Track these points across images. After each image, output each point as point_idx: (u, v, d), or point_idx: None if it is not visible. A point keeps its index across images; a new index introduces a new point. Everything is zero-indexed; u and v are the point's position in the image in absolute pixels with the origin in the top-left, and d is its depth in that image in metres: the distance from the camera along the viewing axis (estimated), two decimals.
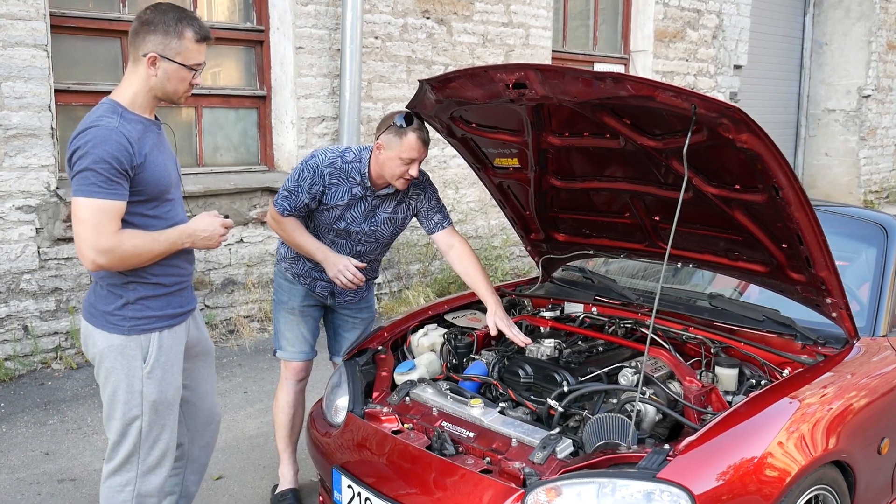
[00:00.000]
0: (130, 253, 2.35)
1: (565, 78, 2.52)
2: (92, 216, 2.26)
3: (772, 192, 2.55)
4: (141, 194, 2.39)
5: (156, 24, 2.38)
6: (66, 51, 5.20)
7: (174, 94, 2.47)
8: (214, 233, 2.54)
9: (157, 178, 2.43)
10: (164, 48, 2.38)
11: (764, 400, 2.51)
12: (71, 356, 5.06)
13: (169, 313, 2.54)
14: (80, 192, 2.27)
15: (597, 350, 3.09)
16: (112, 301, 2.46)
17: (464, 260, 3.31)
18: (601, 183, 3.15)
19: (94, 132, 2.28)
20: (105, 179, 2.26)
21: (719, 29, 9.77)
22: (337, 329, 3.56)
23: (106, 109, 2.36)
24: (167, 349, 2.53)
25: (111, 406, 2.52)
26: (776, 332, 3.00)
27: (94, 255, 2.28)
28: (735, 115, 2.30)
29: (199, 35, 2.43)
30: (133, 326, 2.47)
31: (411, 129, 3.04)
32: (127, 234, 2.34)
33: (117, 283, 2.45)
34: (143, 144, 2.37)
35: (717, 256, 3.09)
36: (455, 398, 2.78)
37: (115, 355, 2.46)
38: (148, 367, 2.49)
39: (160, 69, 2.39)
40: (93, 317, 2.50)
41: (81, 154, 2.26)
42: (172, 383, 2.57)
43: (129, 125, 2.35)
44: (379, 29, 6.47)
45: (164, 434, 2.59)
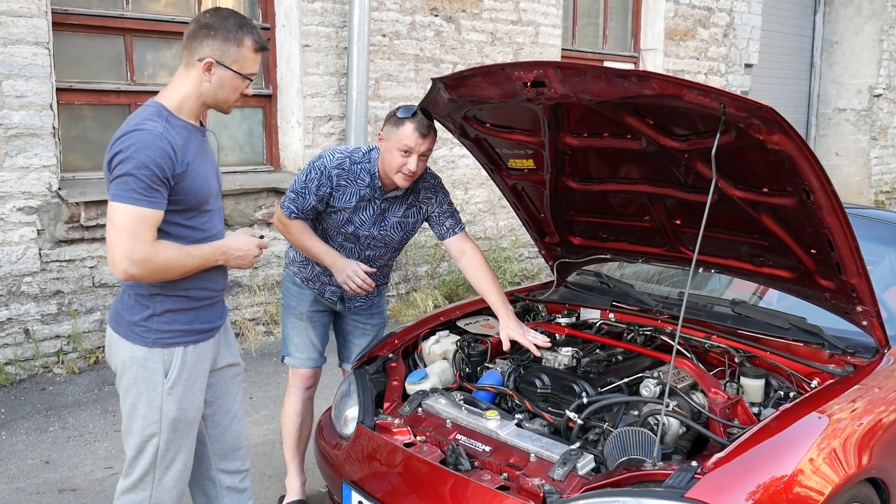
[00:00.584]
0: (164, 266, 2.25)
1: (586, 76, 2.40)
2: (129, 224, 2.15)
3: (802, 196, 2.44)
4: (179, 204, 2.29)
5: (216, 28, 2.30)
6: (68, 49, 5.10)
7: (224, 103, 2.39)
8: (249, 253, 2.45)
9: (198, 187, 2.33)
10: (222, 55, 2.30)
11: (794, 414, 2.40)
12: (73, 360, 4.96)
13: (196, 328, 2.44)
14: (118, 197, 2.16)
15: (616, 359, 2.98)
16: (138, 311, 2.36)
17: (475, 267, 3.20)
18: (620, 185, 3.04)
19: (137, 136, 2.19)
20: (145, 186, 2.16)
21: (730, 27, 9.64)
22: (346, 335, 3.45)
23: (151, 112, 2.27)
24: (191, 365, 2.43)
25: (130, 420, 2.42)
26: (803, 340, 2.89)
27: (127, 265, 2.17)
28: (767, 116, 2.19)
29: (258, 44, 2.37)
30: (157, 339, 2.36)
31: (410, 119, 2.94)
32: (162, 246, 2.24)
33: (145, 293, 2.35)
34: (187, 152, 2.28)
35: (741, 262, 2.98)
36: (470, 410, 2.67)
37: (137, 367, 2.36)
38: (169, 382, 2.38)
39: (214, 76, 2.31)
40: (118, 325, 2.40)
41: (123, 158, 2.16)
42: (193, 402, 2.46)
43: (173, 131, 2.26)
44: (386, 27, 6.37)
45: (180, 455, 2.47)
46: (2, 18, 4.56)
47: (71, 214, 4.86)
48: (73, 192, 4.85)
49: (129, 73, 5.38)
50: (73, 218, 4.87)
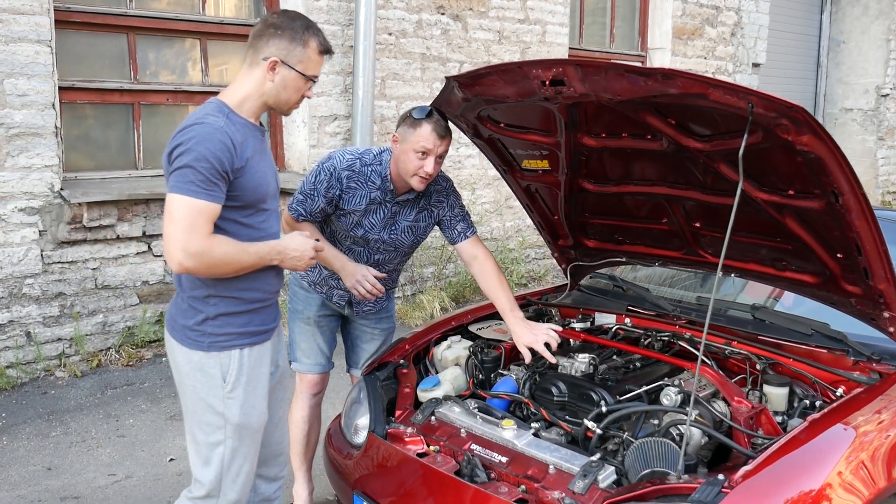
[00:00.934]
0: (219, 260, 2.21)
1: (608, 74, 2.32)
2: (186, 216, 2.14)
3: (830, 199, 2.35)
4: (237, 200, 2.27)
5: (283, 28, 2.29)
6: (70, 47, 5.03)
7: (285, 104, 2.37)
8: (305, 254, 2.41)
9: (256, 184, 2.31)
10: (287, 54, 2.29)
11: (821, 425, 2.31)
12: (75, 363, 4.88)
13: (251, 330, 2.39)
14: (176, 188, 2.15)
15: (634, 365, 2.90)
16: (192, 315, 2.33)
17: (486, 273, 3.11)
18: (638, 187, 2.96)
19: (198, 129, 2.18)
20: (204, 179, 2.15)
21: (738, 26, 9.56)
22: (355, 340, 3.37)
23: (212, 108, 2.27)
24: (249, 369, 2.38)
25: (193, 427, 2.39)
26: (826, 346, 2.80)
27: (183, 257, 2.14)
28: (797, 116, 2.11)
29: (323, 47, 2.37)
30: (212, 343, 2.33)
31: (426, 120, 2.86)
32: (218, 240, 2.21)
33: (198, 296, 2.32)
34: (246, 148, 2.26)
35: (762, 266, 2.89)
36: (485, 418, 2.59)
37: (195, 373, 2.34)
38: (228, 386, 2.34)
39: (278, 75, 2.30)
40: (174, 330, 2.38)
41: (183, 150, 2.15)
42: (256, 407, 2.41)
43: (233, 127, 2.24)
44: (393, 25, 6.28)
45: (246, 465, 2.42)
46: (3, 16, 4.48)
47: (73, 215, 4.78)
48: (76, 193, 4.77)
49: (133, 72, 5.30)
50: (75, 219, 4.79)
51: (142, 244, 5.13)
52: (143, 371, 4.92)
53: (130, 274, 5.11)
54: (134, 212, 5.03)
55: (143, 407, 4.47)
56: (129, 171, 5.33)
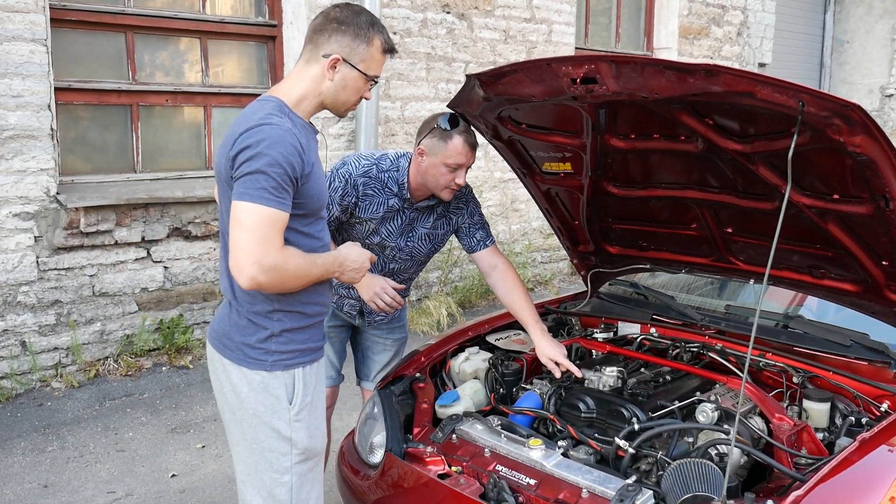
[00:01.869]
0: (292, 274, 2.03)
1: (645, 71, 2.17)
2: (260, 226, 1.94)
3: (880, 203, 2.21)
4: (301, 208, 2.08)
5: (347, 24, 2.12)
6: (67, 46, 4.86)
7: (343, 105, 2.20)
8: (363, 266, 2.26)
9: (320, 191, 2.14)
10: (350, 52, 2.12)
11: (872, 444, 2.17)
12: (72, 374, 4.72)
13: (311, 346, 2.21)
14: (247, 196, 1.95)
15: (664, 379, 2.75)
16: (253, 332, 2.11)
17: (508, 285, 2.96)
18: (667, 191, 2.81)
19: (267, 130, 1.98)
20: (277, 186, 1.96)
21: (744, 26, 9.43)
22: (366, 351, 3.22)
23: (273, 108, 2.06)
24: (312, 387, 2.20)
25: (254, 454, 2.15)
26: (866, 358, 2.66)
27: (256, 272, 1.93)
28: (852, 115, 1.96)
29: (388, 45, 2.20)
30: (276, 361, 2.12)
31: (457, 131, 2.71)
32: (291, 253, 2.03)
33: (262, 311, 2.11)
34: (310, 152, 2.09)
35: (798, 273, 2.75)
36: (510, 437, 2.44)
37: (258, 395, 2.12)
38: (295, 408, 2.14)
39: (339, 74, 2.13)
40: (226, 348, 2.15)
41: (254, 154, 1.95)
42: (319, 429, 2.24)
43: (297, 129, 2.06)
44: (397, 24, 6.13)
45: (314, 493, 2.23)
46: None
47: (70, 220, 4.62)
48: (73, 197, 4.61)
49: (131, 72, 5.14)
50: (72, 224, 4.63)
51: (141, 250, 4.97)
52: (142, 381, 4.76)
53: (129, 281, 4.95)
54: (133, 216, 4.87)
55: (143, 419, 4.31)
56: (128, 175, 5.17)
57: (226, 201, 2.09)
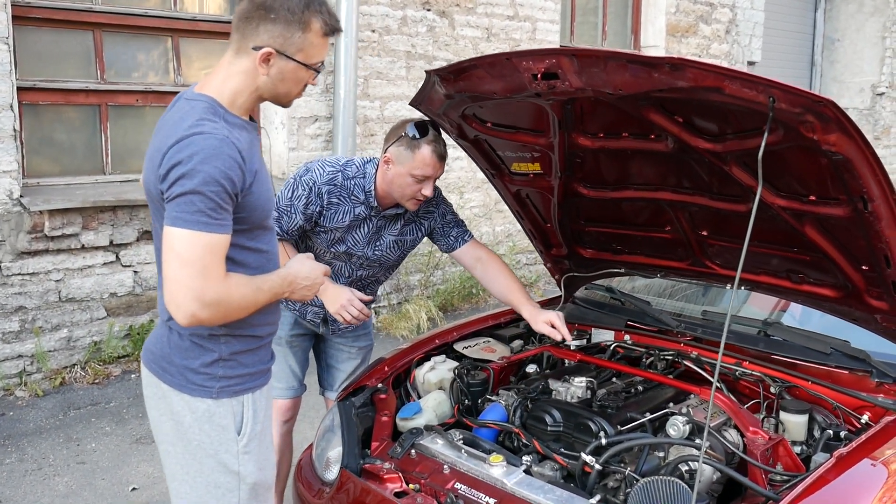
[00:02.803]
0: (237, 306, 1.80)
1: (608, 66, 2.05)
2: (200, 257, 1.70)
3: (858, 205, 2.09)
4: (245, 222, 1.85)
5: (276, 10, 1.82)
6: (31, 45, 4.72)
7: (285, 97, 1.94)
8: (315, 282, 2.03)
9: (265, 200, 1.90)
10: (284, 42, 1.83)
11: (850, 460, 2.05)
12: (37, 382, 4.57)
13: (260, 369, 2.01)
14: (181, 221, 1.70)
15: (635, 389, 2.62)
16: (198, 355, 1.89)
17: (492, 270, 2.92)
18: (639, 192, 2.69)
19: (201, 142, 1.71)
20: (215, 207, 1.71)
21: (733, 23, 9.32)
22: (329, 360, 3.09)
23: (204, 110, 1.79)
24: (261, 414, 2.00)
25: (199, 488, 1.94)
26: (847, 367, 2.54)
27: (196, 308, 1.71)
28: (825, 111, 1.84)
29: (328, 27, 1.89)
30: (224, 388, 1.91)
31: (426, 140, 2.59)
32: (234, 282, 1.79)
33: (205, 334, 1.89)
34: (253, 158, 1.83)
35: (776, 278, 2.63)
36: (471, 453, 2.31)
37: (202, 425, 1.90)
38: (244, 439, 1.94)
39: (274, 67, 1.85)
40: (166, 373, 1.92)
41: (186, 171, 1.70)
42: (269, 459, 2.05)
43: (235, 132, 1.80)
44: (376, 21, 6.00)
45: None
46: None
47: (34, 224, 4.48)
48: (37, 200, 4.47)
49: (99, 71, 5.00)
50: (36, 227, 4.48)
51: (109, 254, 4.83)
52: (109, 389, 4.62)
53: (97, 286, 4.81)
54: (100, 220, 4.73)
55: (108, 429, 4.17)
56: (97, 177, 5.02)
57: (159, 221, 1.84)
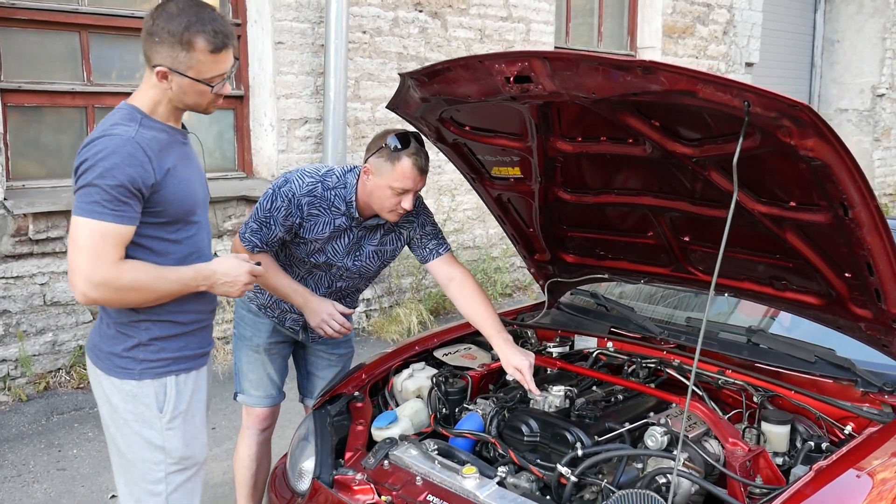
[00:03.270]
0: (129, 287, 1.97)
1: (580, 68, 2.00)
2: (90, 241, 1.91)
3: (838, 212, 2.04)
4: (161, 216, 2.04)
5: (159, 34, 1.98)
6: (16, 46, 4.68)
7: (196, 107, 2.11)
8: (238, 279, 2.15)
9: (182, 196, 2.07)
10: (173, 62, 1.99)
11: (830, 473, 2.00)
12: (21, 386, 4.53)
13: (187, 355, 2.18)
14: (80, 210, 1.92)
15: (615, 398, 2.57)
16: (121, 341, 2.09)
17: (466, 293, 2.77)
18: (619, 197, 2.64)
19: (105, 142, 1.93)
20: (112, 199, 1.90)
21: (730, 24, 9.26)
22: (309, 368, 3.05)
23: (123, 116, 2.02)
24: (187, 395, 2.17)
25: (126, 465, 2.15)
26: (832, 376, 2.48)
27: (87, 287, 1.92)
28: (801, 116, 1.79)
29: (214, 45, 2.00)
30: (145, 370, 2.09)
31: (406, 152, 2.52)
32: (128, 267, 1.97)
33: (125, 321, 2.08)
34: (165, 158, 2.02)
35: (760, 285, 2.58)
36: (444, 464, 2.26)
37: (127, 404, 2.09)
38: (167, 416, 2.12)
39: (173, 83, 2.02)
40: (98, 359, 2.13)
41: (88, 166, 1.91)
42: (198, 437, 2.21)
43: (148, 134, 2.00)
44: (367, 23, 5.96)
45: (190, 501, 2.19)
46: None
47: (18, 227, 4.44)
48: (21, 203, 4.43)
49: (86, 73, 4.96)
50: (20, 231, 4.44)
51: None
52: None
53: None
54: None
55: (90, 435, 4.13)
56: None
57: None
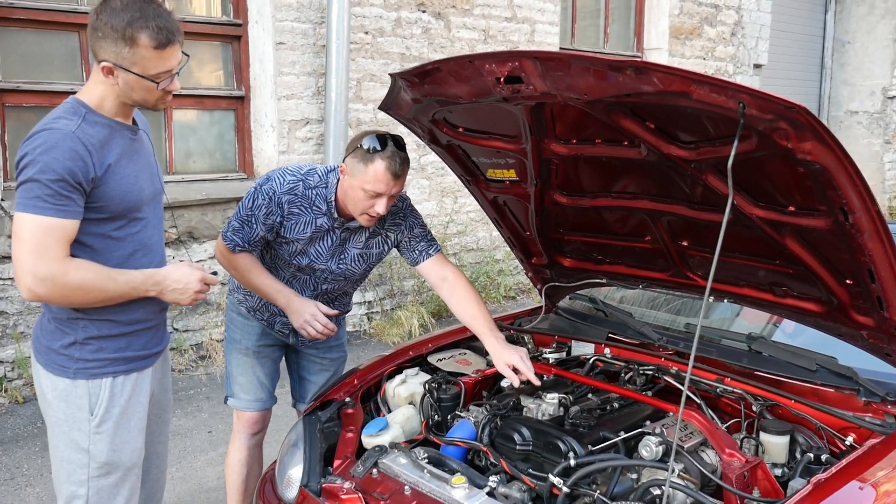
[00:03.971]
0: (75, 286, 1.96)
1: (571, 69, 1.94)
2: (34, 236, 1.90)
3: (839, 217, 1.97)
4: (102, 211, 2.02)
5: (102, 29, 1.96)
6: (14, 46, 4.67)
7: (144, 103, 2.10)
8: (189, 287, 2.14)
9: (123, 192, 2.05)
10: (117, 57, 1.97)
11: (831, 486, 1.93)
12: (17, 388, 4.51)
13: (128, 356, 2.15)
14: (22, 206, 1.92)
15: (611, 406, 2.51)
16: (59, 337, 2.09)
17: (458, 294, 2.73)
18: (616, 200, 2.58)
19: (45, 136, 1.93)
20: (53, 193, 1.90)
21: (738, 26, 9.18)
22: (301, 372, 3.00)
23: (66, 110, 2.00)
24: (123, 399, 2.14)
25: (56, 463, 2.16)
26: (833, 385, 2.42)
27: (31, 282, 1.91)
28: (798, 118, 1.73)
29: (157, 41, 1.98)
30: (80, 369, 2.08)
31: (381, 155, 2.45)
32: (75, 265, 1.97)
33: (64, 317, 2.08)
34: (108, 153, 2.01)
35: (759, 291, 2.51)
36: (433, 473, 2.21)
37: (59, 403, 2.09)
38: (96, 419, 2.10)
39: (119, 78, 2.01)
40: (38, 353, 2.15)
41: (28, 161, 1.91)
42: (129, 443, 2.17)
43: (91, 129, 1.99)
44: (369, 23, 5.92)
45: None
46: None
47: None
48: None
49: (85, 73, 4.94)
50: None
51: None
52: None
53: None
54: None
55: None
56: None
57: None
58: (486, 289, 6.66)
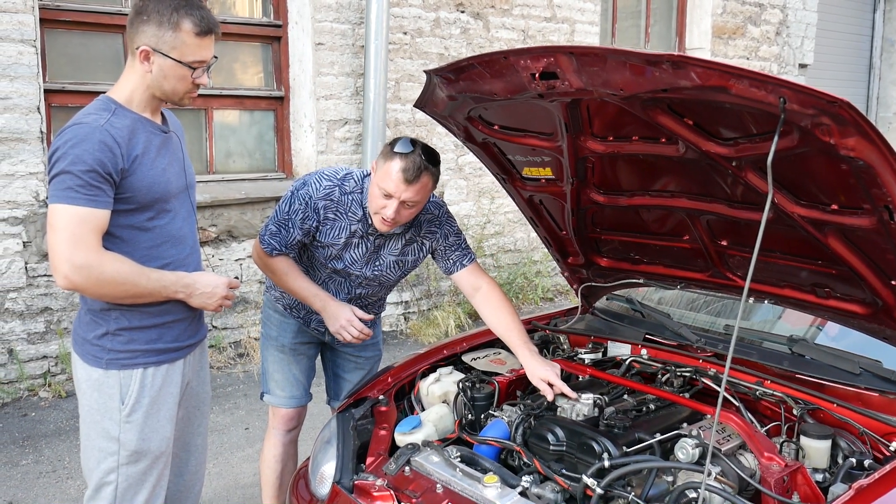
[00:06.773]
0: (110, 278, 2.01)
1: (607, 64, 1.92)
2: (69, 225, 1.95)
3: (883, 215, 1.92)
4: (130, 202, 2.08)
5: (149, 13, 2.06)
6: (60, 47, 4.76)
7: (174, 94, 2.16)
8: (216, 293, 2.22)
9: (151, 183, 2.11)
10: (158, 41, 2.06)
11: (873, 492, 1.88)
12: (61, 383, 4.59)
13: (159, 348, 2.20)
14: (56, 197, 1.97)
15: (647, 408, 2.48)
16: (93, 328, 2.15)
17: (492, 304, 2.74)
18: (654, 199, 2.54)
19: (75, 130, 2.00)
20: (84, 184, 1.95)
21: (783, 25, 9.02)
22: (336, 370, 3.01)
23: (97, 106, 2.09)
24: (153, 390, 2.19)
25: (87, 451, 2.21)
26: (878, 389, 2.35)
27: (68, 270, 1.96)
28: (841, 113, 1.68)
29: (200, 28, 2.08)
30: (112, 360, 2.14)
31: (401, 155, 2.44)
32: (110, 257, 2.02)
33: (97, 308, 2.14)
34: (135, 145, 2.08)
35: (801, 292, 2.46)
36: (466, 472, 2.19)
37: (92, 392, 2.16)
38: (126, 408, 2.15)
39: (154, 65, 2.09)
40: (76, 343, 2.21)
41: (60, 154, 1.98)
42: (159, 431, 2.22)
43: (119, 122, 2.06)
44: (408, 23, 5.93)
45: (142, 494, 2.21)
46: None
47: None
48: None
49: None
50: None
51: None
52: None
53: None
54: None
55: None
56: None
57: None
58: (524, 290, 6.63)
